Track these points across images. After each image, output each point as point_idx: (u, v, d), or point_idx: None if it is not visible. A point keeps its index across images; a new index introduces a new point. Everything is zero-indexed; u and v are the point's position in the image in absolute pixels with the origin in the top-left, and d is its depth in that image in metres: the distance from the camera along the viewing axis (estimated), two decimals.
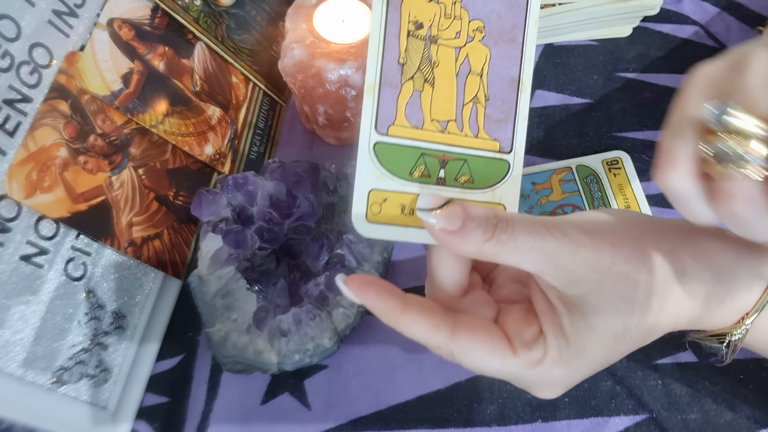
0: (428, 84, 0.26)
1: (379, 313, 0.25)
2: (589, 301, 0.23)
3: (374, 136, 0.25)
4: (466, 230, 0.23)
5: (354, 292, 0.25)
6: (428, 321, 0.24)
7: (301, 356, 0.38)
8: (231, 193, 0.40)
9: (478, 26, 0.26)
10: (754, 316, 0.25)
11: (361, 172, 0.25)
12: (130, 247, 0.39)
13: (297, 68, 0.43)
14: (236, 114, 0.48)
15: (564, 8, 0.48)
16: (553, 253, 0.23)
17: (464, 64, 0.26)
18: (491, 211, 0.23)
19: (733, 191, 0.20)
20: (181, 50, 0.43)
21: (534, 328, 0.25)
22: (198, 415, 0.40)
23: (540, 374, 0.24)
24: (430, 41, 0.26)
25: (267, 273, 0.39)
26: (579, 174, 0.45)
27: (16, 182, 0.32)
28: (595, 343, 0.24)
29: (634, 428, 0.36)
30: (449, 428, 0.38)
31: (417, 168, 0.26)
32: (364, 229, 0.25)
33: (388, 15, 0.25)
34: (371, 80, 0.25)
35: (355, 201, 0.25)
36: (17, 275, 0.33)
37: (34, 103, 0.33)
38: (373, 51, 0.25)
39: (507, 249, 0.23)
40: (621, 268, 0.23)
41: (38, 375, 0.34)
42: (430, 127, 0.26)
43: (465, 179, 0.26)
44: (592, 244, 0.23)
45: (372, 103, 0.25)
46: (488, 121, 0.26)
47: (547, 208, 0.44)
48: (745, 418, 0.36)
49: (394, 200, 0.25)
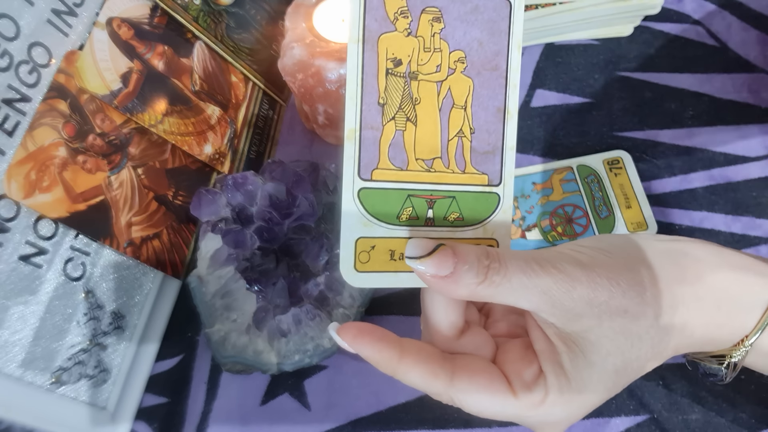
0: (411, 122, 0.25)
1: (374, 363, 0.24)
2: (589, 338, 0.23)
3: (358, 183, 0.24)
4: (457, 275, 0.22)
5: (348, 342, 0.24)
6: (426, 368, 0.24)
7: (301, 356, 0.38)
8: (230, 192, 0.39)
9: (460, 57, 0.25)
10: (754, 338, 0.25)
11: (347, 221, 0.24)
12: (129, 247, 0.39)
13: (297, 67, 0.43)
14: (236, 113, 0.48)
15: (564, 7, 0.48)
16: (548, 290, 0.22)
17: (447, 97, 0.25)
18: (483, 252, 0.23)
19: None
20: (180, 49, 0.43)
21: (534, 368, 0.24)
22: (197, 415, 0.40)
23: (542, 415, 0.24)
24: (410, 78, 0.25)
25: (267, 273, 0.39)
26: (580, 173, 0.45)
27: (15, 182, 0.32)
28: (596, 379, 0.23)
29: (635, 429, 0.36)
30: (449, 429, 0.38)
31: (404, 211, 0.25)
32: (354, 280, 0.24)
33: (364, 55, 0.24)
34: (351, 125, 0.24)
35: (342, 251, 0.24)
36: (16, 275, 0.32)
37: (33, 102, 0.33)
38: (351, 95, 0.24)
39: (501, 290, 0.22)
40: (619, 302, 0.23)
41: (37, 375, 0.34)
42: (416, 166, 0.25)
43: (455, 217, 0.25)
44: (588, 279, 0.23)
45: (353, 149, 0.24)
46: (475, 155, 0.26)
47: (547, 207, 0.44)
48: (746, 419, 0.36)
49: (382, 246, 0.24)
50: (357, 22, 0.24)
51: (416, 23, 0.24)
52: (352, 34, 0.24)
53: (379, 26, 0.24)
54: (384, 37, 0.24)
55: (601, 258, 0.24)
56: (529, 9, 0.48)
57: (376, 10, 0.24)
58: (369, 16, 0.24)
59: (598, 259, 0.24)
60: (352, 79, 0.24)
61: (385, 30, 0.24)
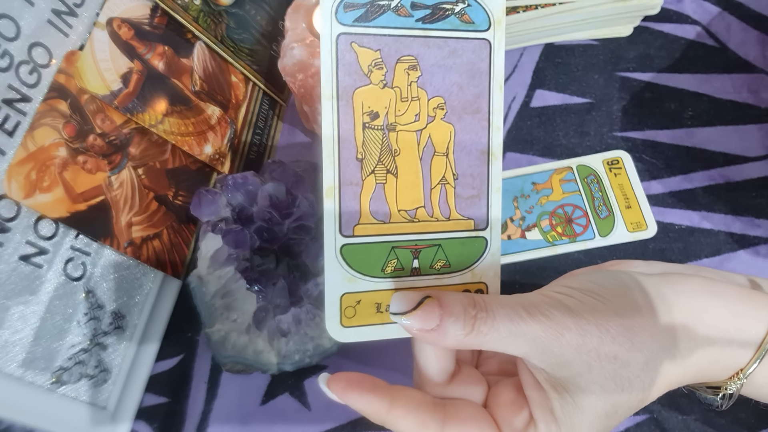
0: (391, 174, 0.24)
1: (364, 413, 0.24)
2: (578, 383, 0.23)
3: (339, 240, 0.24)
4: (444, 327, 0.22)
5: (338, 395, 0.24)
6: (416, 418, 0.24)
7: (301, 356, 0.38)
8: (230, 192, 0.39)
9: (439, 103, 0.25)
10: (750, 370, 0.25)
11: (331, 278, 0.24)
12: (129, 247, 0.39)
13: (297, 68, 0.43)
14: (236, 113, 0.48)
15: (564, 8, 0.48)
16: (537, 338, 0.22)
17: (428, 146, 0.25)
18: (469, 302, 0.23)
19: None
20: (180, 50, 0.43)
21: (524, 415, 0.24)
22: (197, 415, 0.40)
23: None
24: (389, 129, 0.24)
25: (267, 273, 0.39)
26: (579, 174, 0.45)
27: (16, 182, 0.32)
28: (587, 424, 0.23)
29: (634, 428, 0.36)
30: None
31: (389, 263, 0.24)
32: (340, 336, 0.24)
33: (339, 111, 0.23)
34: (330, 182, 0.24)
35: (327, 307, 0.24)
36: (16, 275, 0.32)
37: (34, 102, 0.33)
38: (329, 152, 0.23)
39: (489, 339, 0.22)
40: (608, 348, 0.23)
41: (37, 375, 0.34)
42: (398, 218, 0.24)
43: (441, 264, 0.25)
44: (577, 325, 0.23)
45: (333, 206, 0.24)
46: (459, 201, 0.25)
47: (547, 208, 0.44)
48: (746, 419, 0.36)
49: (368, 300, 0.24)
50: (330, 78, 0.23)
51: (392, 73, 0.24)
52: (325, 90, 0.23)
53: (353, 81, 0.24)
54: (359, 91, 0.24)
55: (589, 302, 0.24)
56: (529, 9, 0.48)
57: (350, 64, 0.24)
58: (342, 72, 0.23)
59: (587, 304, 0.23)
60: (328, 136, 0.23)
61: (360, 84, 0.24)
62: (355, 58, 0.24)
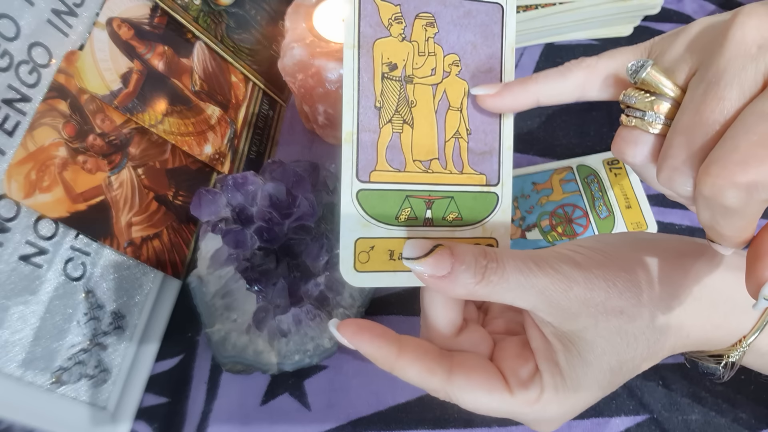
0: (407, 125, 0.25)
1: (373, 359, 0.25)
2: (585, 337, 0.23)
3: (356, 185, 0.24)
4: (455, 275, 0.22)
5: (348, 338, 0.24)
6: (423, 365, 0.24)
7: (301, 356, 0.38)
8: (231, 192, 0.39)
9: (454, 60, 0.26)
10: (752, 338, 0.25)
11: (346, 222, 0.24)
12: (129, 247, 0.39)
13: (297, 68, 0.43)
14: (236, 113, 0.48)
15: (564, 7, 0.48)
16: (545, 290, 0.22)
17: (443, 100, 0.26)
18: (480, 252, 0.23)
19: (626, 137, 0.21)
20: (180, 50, 0.43)
21: (530, 366, 0.25)
22: (197, 415, 0.40)
23: (537, 412, 0.24)
24: (406, 81, 0.25)
25: (267, 273, 0.39)
26: (580, 174, 0.45)
27: (15, 182, 0.32)
28: (591, 378, 0.23)
29: (635, 429, 0.36)
30: (449, 429, 0.38)
31: (403, 211, 0.25)
32: (354, 279, 0.25)
33: (360, 60, 0.25)
34: (348, 128, 0.24)
35: (342, 251, 0.24)
36: (16, 275, 0.32)
37: (33, 102, 0.33)
38: (348, 99, 0.24)
39: (498, 289, 0.22)
40: (615, 303, 0.23)
41: (37, 375, 0.34)
42: (413, 168, 0.25)
43: (453, 217, 0.26)
44: (585, 279, 0.23)
45: (351, 152, 0.24)
46: (472, 156, 0.26)
47: (547, 207, 0.44)
48: (746, 419, 0.36)
49: (381, 247, 0.25)
50: (352, 28, 0.24)
51: (410, 28, 0.25)
52: (347, 39, 0.24)
53: (374, 32, 0.25)
54: (379, 43, 0.25)
55: (598, 258, 0.24)
56: (529, 9, 0.48)
57: (371, 16, 0.25)
58: (364, 22, 0.25)
59: (595, 260, 0.24)
60: (348, 84, 0.24)
61: (380, 35, 0.25)
62: (377, 10, 0.25)
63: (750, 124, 0.17)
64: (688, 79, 0.21)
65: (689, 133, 0.19)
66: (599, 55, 0.24)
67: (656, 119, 0.21)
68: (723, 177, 0.17)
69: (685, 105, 0.20)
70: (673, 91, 0.21)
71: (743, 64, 0.18)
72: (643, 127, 0.21)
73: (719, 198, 0.18)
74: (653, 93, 0.21)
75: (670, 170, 0.20)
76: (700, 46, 0.20)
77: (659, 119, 0.21)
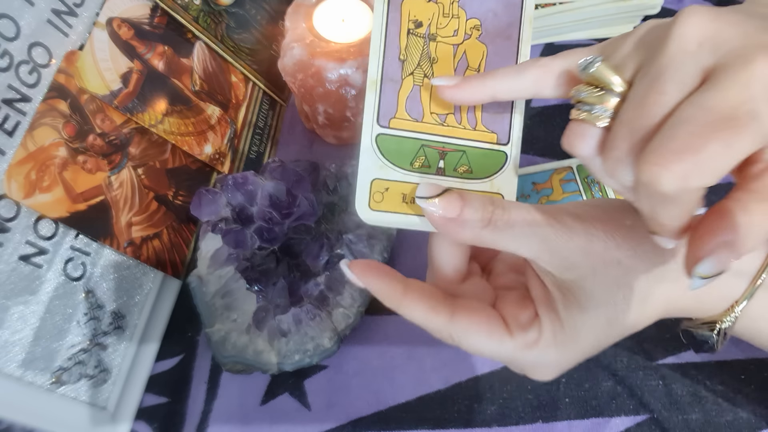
0: (428, 79, 0.27)
1: (380, 296, 0.26)
2: (583, 286, 0.24)
3: (376, 129, 0.26)
4: (463, 217, 0.23)
5: (357, 275, 0.26)
6: (428, 304, 0.25)
7: (301, 356, 0.38)
8: (231, 192, 0.39)
9: (475, 24, 0.27)
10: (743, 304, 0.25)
11: (364, 163, 0.26)
12: (129, 247, 0.39)
13: (297, 67, 0.43)
14: (236, 113, 0.48)
15: (564, 7, 0.48)
16: (547, 239, 0.23)
17: (462, 60, 0.27)
18: (488, 199, 0.24)
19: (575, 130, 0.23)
20: (180, 49, 0.43)
21: (530, 312, 0.26)
22: (197, 415, 0.40)
23: (535, 356, 0.25)
24: (429, 39, 0.27)
25: (267, 273, 0.39)
26: (580, 173, 0.45)
27: (15, 182, 0.32)
28: (588, 327, 0.24)
29: (635, 428, 0.36)
30: (449, 428, 0.38)
31: (417, 159, 0.26)
32: (368, 216, 0.26)
33: (389, 15, 0.26)
34: (373, 76, 0.26)
35: (358, 190, 0.26)
36: (16, 275, 0.32)
37: (33, 102, 0.33)
38: (375, 48, 0.26)
39: (504, 235, 0.23)
40: (613, 254, 0.24)
41: (37, 375, 0.34)
42: (430, 119, 0.27)
43: (464, 169, 0.27)
44: (585, 230, 0.24)
45: (374, 98, 0.26)
46: (485, 114, 0.27)
47: None
48: (747, 418, 0.36)
49: (395, 189, 0.26)
50: None
51: None
52: None
53: None
54: (407, 1, 0.27)
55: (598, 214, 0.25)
56: None
57: None
58: None
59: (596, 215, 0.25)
60: (376, 35, 0.26)
61: None
62: None
63: (687, 115, 0.18)
64: (634, 75, 0.21)
65: (631, 125, 0.20)
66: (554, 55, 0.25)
67: (604, 113, 0.22)
68: (660, 164, 0.18)
69: (629, 99, 0.21)
70: (621, 86, 0.21)
71: (683, 60, 0.19)
72: (591, 120, 0.22)
73: (656, 185, 0.18)
74: (602, 88, 0.22)
75: (614, 161, 0.21)
76: (646, 43, 0.21)
77: (607, 113, 0.22)
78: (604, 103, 0.22)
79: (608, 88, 0.22)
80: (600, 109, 0.22)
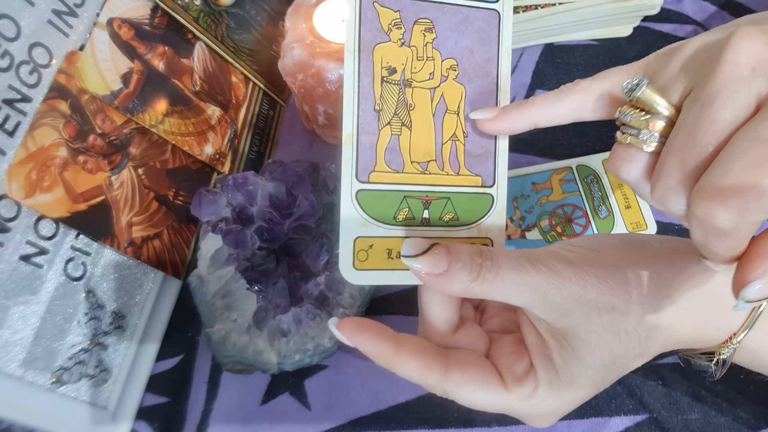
0: (406, 127, 0.26)
1: (371, 356, 0.25)
2: (578, 333, 0.23)
3: (356, 185, 0.25)
4: (451, 272, 0.23)
5: (347, 336, 0.25)
6: (420, 362, 0.25)
7: (301, 356, 0.38)
8: (231, 192, 0.39)
9: (452, 65, 0.26)
10: (742, 335, 0.25)
11: (346, 221, 0.25)
12: (129, 247, 0.39)
13: (297, 68, 0.43)
14: (236, 114, 0.48)
15: (564, 8, 0.48)
16: (539, 288, 0.23)
17: (440, 103, 0.26)
18: (476, 251, 0.23)
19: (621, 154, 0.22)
20: (180, 50, 0.43)
21: (524, 362, 0.25)
22: (198, 415, 0.40)
23: (532, 407, 0.25)
24: (405, 85, 0.26)
25: (267, 273, 0.39)
26: (579, 174, 0.45)
27: (16, 182, 0.32)
28: (585, 373, 0.24)
29: (634, 428, 0.36)
30: (449, 428, 0.38)
31: (401, 211, 0.26)
32: (353, 278, 0.25)
33: (360, 64, 0.25)
34: (349, 130, 0.25)
35: (341, 250, 0.25)
36: (17, 275, 0.33)
37: (34, 102, 0.33)
38: (349, 101, 0.25)
39: (494, 287, 0.23)
40: (607, 299, 0.23)
41: (38, 375, 0.34)
42: (411, 169, 0.26)
43: (449, 217, 0.26)
44: (577, 277, 0.23)
45: (351, 153, 0.25)
46: (468, 158, 0.27)
47: (547, 207, 0.44)
48: (746, 418, 0.36)
49: (380, 245, 0.25)
50: (353, 33, 0.25)
51: (409, 34, 0.26)
52: (348, 44, 0.25)
53: (374, 37, 0.25)
54: (379, 47, 0.25)
55: (590, 257, 0.24)
56: (529, 9, 0.48)
57: (371, 22, 0.25)
58: (364, 28, 0.25)
59: (587, 258, 0.24)
60: (349, 87, 0.25)
61: (379, 40, 0.25)
62: (377, 16, 0.25)
63: (742, 147, 0.18)
64: (682, 99, 0.21)
65: (683, 154, 0.19)
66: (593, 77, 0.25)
67: (651, 137, 0.21)
68: (715, 200, 0.18)
69: (679, 125, 0.20)
70: (668, 109, 0.21)
71: (736, 87, 0.19)
72: (637, 144, 0.21)
73: (711, 220, 0.18)
74: (648, 111, 0.21)
75: (664, 189, 0.20)
76: (695, 66, 0.21)
77: (654, 137, 0.21)
78: (651, 127, 0.21)
79: (654, 111, 0.21)
80: (646, 133, 0.21)
